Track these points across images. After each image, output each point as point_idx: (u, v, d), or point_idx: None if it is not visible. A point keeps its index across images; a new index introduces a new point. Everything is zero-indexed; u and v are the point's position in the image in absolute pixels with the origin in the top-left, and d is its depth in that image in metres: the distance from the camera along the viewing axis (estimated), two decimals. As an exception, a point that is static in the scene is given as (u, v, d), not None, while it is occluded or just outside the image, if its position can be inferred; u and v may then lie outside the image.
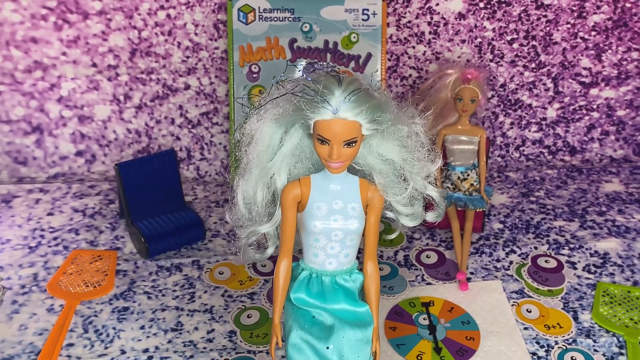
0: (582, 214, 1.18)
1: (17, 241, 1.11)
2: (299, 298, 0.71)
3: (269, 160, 0.70)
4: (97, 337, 0.92)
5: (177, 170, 1.13)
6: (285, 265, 0.71)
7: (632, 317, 0.95)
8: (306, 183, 0.70)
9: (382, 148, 0.70)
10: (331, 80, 0.66)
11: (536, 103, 1.32)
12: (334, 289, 0.71)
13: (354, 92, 0.65)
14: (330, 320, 0.70)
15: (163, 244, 1.07)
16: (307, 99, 0.65)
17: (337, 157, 0.66)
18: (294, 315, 0.71)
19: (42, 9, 1.21)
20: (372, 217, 0.71)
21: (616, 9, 1.26)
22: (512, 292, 1.00)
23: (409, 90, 1.29)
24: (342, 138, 0.65)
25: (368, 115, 0.65)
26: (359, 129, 0.66)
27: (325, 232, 0.70)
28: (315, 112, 0.65)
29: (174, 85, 1.27)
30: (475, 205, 1.08)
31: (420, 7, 1.24)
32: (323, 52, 1.21)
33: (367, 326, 0.70)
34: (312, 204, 0.69)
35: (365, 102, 0.65)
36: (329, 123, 0.65)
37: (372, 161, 0.71)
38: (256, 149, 0.70)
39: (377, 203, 0.71)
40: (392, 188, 0.71)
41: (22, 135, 1.28)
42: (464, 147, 1.09)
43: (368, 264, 0.73)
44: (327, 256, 0.71)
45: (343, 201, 0.70)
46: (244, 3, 1.20)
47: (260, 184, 0.71)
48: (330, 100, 0.64)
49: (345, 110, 0.64)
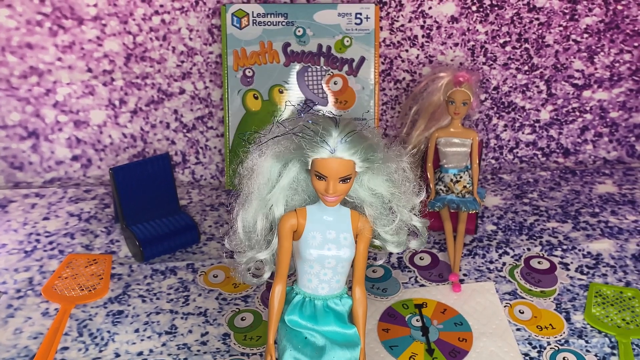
0: (575, 215, 1.19)
1: (13, 245, 1.11)
2: (293, 320, 0.76)
3: (268, 192, 0.76)
4: (91, 341, 0.92)
5: (171, 174, 1.14)
6: (280, 289, 0.76)
7: (624, 318, 0.96)
8: (302, 214, 0.75)
9: (373, 183, 0.76)
10: (329, 121, 0.72)
11: (529, 105, 1.33)
12: (325, 312, 0.76)
13: (349, 133, 0.71)
14: (322, 341, 0.75)
15: (158, 247, 1.08)
16: (307, 139, 0.71)
17: (333, 192, 0.71)
18: (288, 336, 0.76)
19: (37, 15, 1.22)
20: (362, 246, 0.76)
21: (608, 12, 1.27)
22: (505, 294, 1.01)
23: (403, 94, 1.30)
24: (338, 175, 0.71)
25: (362, 154, 0.71)
26: (353, 167, 0.72)
27: (319, 260, 0.75)
28: (314, 151, 0.71)
29: (169, 89, 1.28)
30: (468, 207, 1.08)
31: (413, 11, 1.25)
32: (316, 56, 1.22)
33: (355, 347, 0.76)
34: (307, 233, 0.74)
35: (360, 143, 0.71)
36: (327, 161, 0.71)
37: (363, 195, 0.76)
38: (256, 181, 0.76)
39: (367, 233, 0.76)
40: (380, 219, 0.77)
41: (18, 141, 1.28)
42: (457, 149, 1.09)
43: (356, 289, 0.78)
44: (320, 282, 0.76)
45: (336, 231, 0.75)
46: (237, 8, 1.21)
47: (259, 214, 0.77)
48: (328, 141, 0.70)
49: (341, 150, 0.70)
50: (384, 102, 1.30)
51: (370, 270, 1.05)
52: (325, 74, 1.23)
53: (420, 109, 1.19)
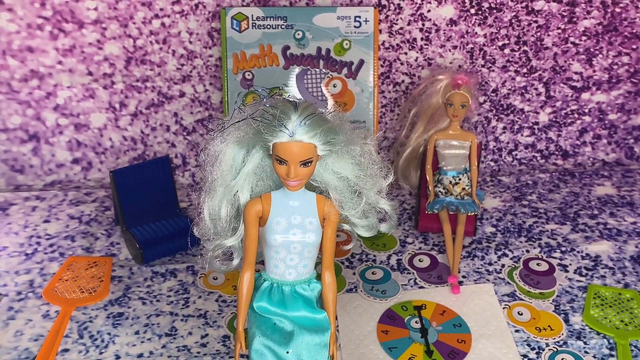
0: (574, 217, 1.19)
1: (14, 248, 1.12)
2: (262, 306, 0.76)
3: (233, 179, 0.76)
4: (92, 343, 0.93)
5: (171, 177, 1.14)
6: (249, 276, 0.76)
7: (623, 319, 0.96)
8: (267, 199, 0.75)
9: (337, 166, 0.76)
10: (288, 105, 0.71)
11: (528, 108, 1.33)
12: (294, 297, 0.76)
13: (308, 116, 0.70)
14: (290, 327, 0.75)
15: (158, 250, 1.08)
16: (266, 123, 0.71)
17: (294, 176, 0.71)
18: (257, 322, 0.76)
19: (38, 19, 1.22)
20: (329, 230, 0.76)
21: (606, 14, 1.28)
22: (504, 295, 1.01)
23: (402, 96, 1.30)
24: (299, 158, 0.71)
25: (322, 137, 0.71)
26: (314, 150, 0.71)
27: (284, 245, 0.75)
28: (274, 135, 0.71)
29: (169, 92, 1.28)
30: (467, 209, 1.08)
31: (412, 14, 1.26)
32: (316, 59, 1.23)
33: (324, 331, 0.76)
34: (272, 219, 0.74)
35: (320, 125, 0.71)
36: (286, 145, 0.70)
37: (328, 178, 0.76)
38: (220, 168, 0.75)
39: (333, 217, 0.76)
40: (347, 203, 0.77)
41: (19, 144, 1.29)
42: (455, 151, 1.10)
43: (326, 274, 0.78)
44: (287, 267, 0.76)
45: (301, 216, 0.75)
46: (237, 11, 1.21)
47: (224, 201, 0.76)
48: (287, 124, 0.70)
49: (301, 134, 0.70)
50: (383, 104, 1.31)
51: (370, 272, 1.06)
52: (324, 77, 1.23)
53: (419, 111, 1.19)
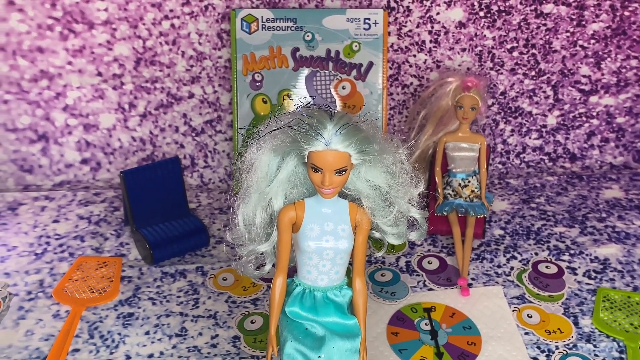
0: (582, 220, 1.19)
1: (23, 248, 1.12)
2: (293, 311, 0.77)
3: (267, 186, 0.77)
4: (102, 343, 0.93)
5: (181, 178, 1.15)
6: (281, 281, 0.77)
7: (632, 322, 0.96)
8: (300, 206, 0.76)
9: (370, 175, 0.76)
10: (324, 115, 0.72)
11: (536, 110, 1.34)
12: (325, 303, 0.77)
13: (344, 126, 0.71)
14: (322, 332, 0.76)
15: (167, 250, 1.08)
16: (302, 132, 0.72)
17: (329, 184, 0.72)
18: (289, 327, 0.77)
19: (48, 19, 1.23)
20: (360, 237, 0.77)
21: (615, 18, 1.28)
22: (513, 298, 1.01)
23: (410, 98, 1.31)
24: (334, 167, 0.72)
25: (357, 146, 0.72)
26: (349, 159, 0.72)
27: (317, 252, 0.75)
28: (310, 144, 0.72)
29: (178, 93, 1.28)
30: (476, 211, 1.09)
31: (421, 16, 1.26)
32: (325, 61, 1.23)
33: (355, 337, 0.76)
34: (305, 225, 0.75)
35: (354, 135, 0.72)
36: (322, 154, 0.72)
37: (361, 186, 0.77)
38: (255, 175, 0.76)
39: (365, 225, 0.77)
40: (378, 211, 0.77)
41: (28, 144, 1.29)
42: (465, 154, 1.10)
43: (356, 280, 0.78)
44: (319, 273, 0.77)
45: (334, 223, 0.76)
46: (247, 13, 1.22)
47: (259, 207, 0.77)
48: (323, 134, 0.71)
49: (336, 143, 0.71)
50: (391, 106, 1.31)
51: (379, 274, 1.06)
52: (333, 79, 1.24)
53: (428, 113, 1.20)
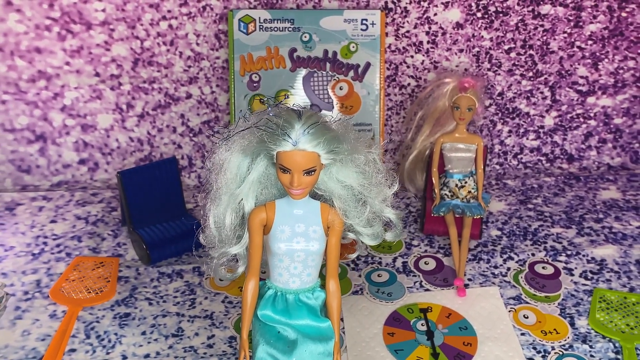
0: (579, 221, 1.20)
1: (21, 248, 1.12)
2: (266, 315, 0.76)
3: (237, 187, 0.76)
4: (99, 343, 0.93)
5: (178, 178, 1.15)
6: (253, 285, 0.76)
7: (628, 323, 0.96)
8: (271, 208, 0.75)
9: (341, 175, 0.75)
10: (292, 114, 0.71)
11: (534, 111, 1.34)
12: (298, 305, 0.76)
13: (312, 125, 0.70)
14: (294, 335, 0.75)
15: (164, 250, 1.08)
16: (269, 132, 0.71)
17: (298, 184, 0.71)
18: (261, 330, 0.76)
19: (46, 20, 1.23)
20: (333, 239, 0.76)
21: (612, 19, 1.28)
22: (510, 298, 1.01)
23: (408, 99, 1.31)
24: (302, 167, 0.71)
25: (325, 146, 0.70)
26: (318, 159, 0.71)
27: (288, 254, 0.75)
28: (277, 144, 0.70)
29: (176, 94, 1.29)
30: (472, 212, 1.09)
31: (419, 17, 1.26)
32: (322, 62, 1.23)
33: (328, 340, 0.76)
34: (276, 227, 0.74)
35: (323, 134, 0.70)
36: (290, 154, 0.70)
37: (333, 187, 0.76)
38: (225, 176, 0.75)
39: (337, 226, 0.76)
40: (351, 211, 0.76)
41: (26, 144, 1.29)
42: (462, 154, 1.10)
43: (330, 282, 0.78)
44: (291, 275, 0.76)
45: (305, 224, 0.75)
46: (244, 14, 1.22)
47: (229, 209, 0.76)
48: (290, 133, 0.70)
49: (304, 142, 0.70)
50: (389, 107, 1.31)
51: (376, 275, 1.06)
52: (331, 80, 1.24)
53: (426, 114, 1.20)
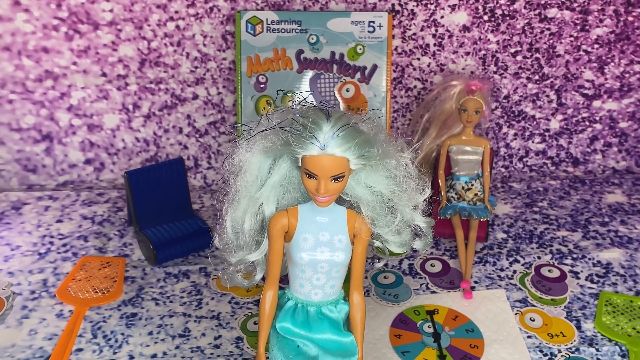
0: (585, 224, 1.20)
1: (27, 247, 1.12)
2: (285, 327, 0.71)
3: (257, 190, 0.70)
4: (105, 343, 0.93)
5: (185, 179, 1.15)
6: (271, 295, 0.71)
7: (635, 327, 0.96)
8: (294, 213, 0.69)
9: (371, 180, 0.69)
10: (320, 114, 0.64)
11: (539, 115, 1.34)
12: (319, 318, 0.71)
13: (342, 127, 0.63)
14: (315, 351, 0.70)
15: (171, 251, 1.09)
16: (295, 134, 0.64)
17: (325, 191, 0.65)
18: (279, 344, 0.71)
19: (54, 20, 1.23)
20: (359, 248, 0.71)
21: (619, 23, 1.28)
22: (516, 301, 1.02)
23: (414, 102, 1.31)
24: (330, 173, 0.65)
25: (356, 151, 0.64)
26: (347, 164, 0.65)
27: (311, 264, 0.69)
28: (303, 148, 0.64)
29: (182, 95, 1.29)
30: (479, 214, 1.09)
31: (425, 20, 1.26)
32: (329, 64, 1.23)
33: (351, 356, 0.71)
34: (299, 235, 0.69)
35: (354, 138, 0.64)
36: (317, 159, 0.64)
37: (361, 193, 0.70)
38: (245, 178, 0.69)
39: (364, 234, 0.70)
40: (380, 220, 0.71)
41: (32, 143, 1.30)
42: (469, 157, 1.10)
43: (354, 294, 0.73)
44: (313, 287, 0.71)
45: (330, 233, 0.69)
46: (252, 15, 1.22)
47: (248, 213, 0.71)
48: (318, 136, 0.63)
49: (333, 147, 0.64)
50: (395, 109, 1.31)
51: (382, 277, 1.06)
52: (337, 81, 1.24)
53: (432, 116, 1.20)
